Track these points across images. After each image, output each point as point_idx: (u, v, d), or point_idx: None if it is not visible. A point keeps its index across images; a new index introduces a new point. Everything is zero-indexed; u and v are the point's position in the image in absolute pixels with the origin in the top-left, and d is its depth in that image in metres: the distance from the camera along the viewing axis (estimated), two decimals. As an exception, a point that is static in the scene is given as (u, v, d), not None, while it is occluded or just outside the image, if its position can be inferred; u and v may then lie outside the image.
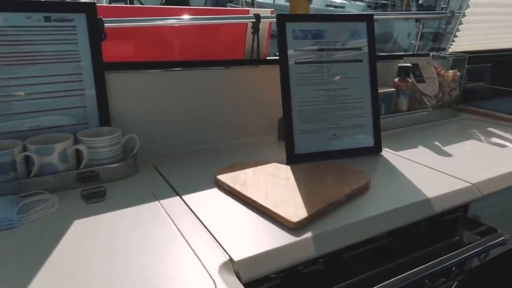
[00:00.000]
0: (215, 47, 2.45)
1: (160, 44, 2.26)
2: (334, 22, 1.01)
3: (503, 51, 1.65)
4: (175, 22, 1.48)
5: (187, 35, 2.41)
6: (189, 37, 2.42)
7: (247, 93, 1.14)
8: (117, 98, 0.97)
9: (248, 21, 1.72)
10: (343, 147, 1.01)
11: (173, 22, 1.47)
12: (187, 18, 1.58)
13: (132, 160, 0.92)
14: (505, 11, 1.63)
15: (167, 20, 1.48)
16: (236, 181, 0.84)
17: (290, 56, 0.98)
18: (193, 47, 2.42)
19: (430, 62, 1.33)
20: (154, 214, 0.74)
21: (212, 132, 1.11)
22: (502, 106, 1.42)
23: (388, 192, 0.84)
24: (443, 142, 1.14)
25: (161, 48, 2.28)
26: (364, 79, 1.03)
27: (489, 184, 0.88)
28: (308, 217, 0.70)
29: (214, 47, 2.43)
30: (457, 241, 0.89)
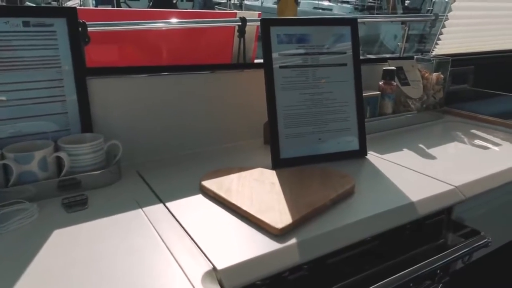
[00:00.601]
0: (203, 51, 2.44)
1: (146, 47, 2.24)
2: (318, 26, 1.02)
3: (485, 53, 1.68)
4: (159, 26, 1.47)
5: (174, 39, 2.40)
6: (176, 40, 2.41)
7: (232, 97, 1.14)
8: (100, 103, 0.96)
9: (234, 25, 1.72)
10: (329, 151, 1.01)
11: (157, 26, 1.46)
12: (171, 22, 1.57)
13: (115, 166, 0.90)
14: (487, 14, 1.65)
15: (151, 24, 1.46)
16: (221, 187, 0.83)
17: (275, 60, 0.97)
18: (180, 50, 2.40)
19: (414, 65, 1.35)
20: (137, 223, 0.72)
21: (198, 137, 1.10)
22: (485, 108, 1.44)
23: (373, 196, 0.84)
24: (428, 145, 1.15)
25: (148, 52, 2.26)
26: (348, 83, 1.03)
27: (472, 187, 0.89)
28: (293, 223, 0.70)
29: (201, 51, 2.42)
30: (442, 244, 0.90)
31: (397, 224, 0.79)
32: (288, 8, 5.82)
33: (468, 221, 0.90)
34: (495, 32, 1.74)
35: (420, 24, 6.08)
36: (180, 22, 1.62)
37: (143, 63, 2.10)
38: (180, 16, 3.09)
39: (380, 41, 10.09)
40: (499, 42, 1.76)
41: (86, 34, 1.42)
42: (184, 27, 1.68)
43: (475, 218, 0.91)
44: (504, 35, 1.78)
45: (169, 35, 2.34)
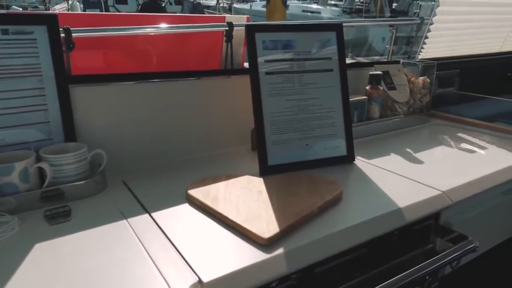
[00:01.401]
0: (192, 56, 2.42)
1: (134, 53, 2.22)
2: (303, 32, 1.01)
3: (470, 57, 1.70)
4: (145, 32, 1.45)
5: (163, 44, 2.38)
6: (165, 45, 2.38)
7: (219, 103, 1.13)
8: (84, 112, 0.94)
9: (221, 30, 1.71)
10: (316, 157, 1.01)
11: (142, 32, 1.45)
12: (157, 27, 1.55)
13: (99, 176, 0.89)
14: (470, 19, 1.67)
15: (137, 29, 1.45)
16: (208, 196, 0.82)
17: (261, 66, 0.97)
18: (169, 56, 2.38)
19: (400, 69, 1.35)
20: (121, 234, 0.71)
21: (184, 144, 1.08)
22: (470, 111, 1.45)
23: (361, 202, 0.84)
24: (415, 149, 1.15)
25: (136, 58, 2.24)
26: (335, 89, 1.03)
27: (458, 192, 0.89)
28: (280, 232, 0.69)
29: (190, 56, 2.40)
30: (431, 249, 0.90)
31: (385, 231, 0.79)
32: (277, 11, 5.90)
33: (455, 225, 0.90)
34: (479, 36, 1.76)
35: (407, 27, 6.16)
36: (166, 28, 1.61)
37: (131, 69, 2.08)
38: (168, 20, 3.07)
39: (369, 44, 10.19)
40: (484, 46, 1.79)
41: (70, 40, 1.40)
42: (170, 32, 1.67)
43: (462, 222, 0.92)
44: (488, 38, 1.80)
45: (158, 40, 2.32)
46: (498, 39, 1.85)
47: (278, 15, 6.86)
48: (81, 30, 1.37)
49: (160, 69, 2.42)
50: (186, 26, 1.84)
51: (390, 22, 2.31)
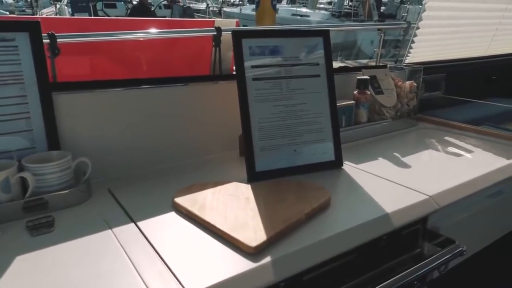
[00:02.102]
0: (181, 61, 2.41)
1: (123, 58, 2.20)
2: (290, 37, 1.01)
3: (456, 61, 1.72)
4: (130, 37, 1.44)
5: (152, 49, 2.36)
6: (154, 50, 2.37)
7: (207, 109, 1.12)
8: (68, 119, 0.92)
9: (209, 35, 1.70)
10: (304, 162, 1.00)
11: (129, 37, 1.43)
12: (143, 32, 1.54)
13: (84, 185, 0.87)
14: (456, 23, 1.70)
15: (123, 35, 1.43)
16: (194, 204, 0.81)
17: (248, 72, 0.96)
18: (158, 61, 2.37)
19: (387, 74, 1.36)
20: (105, 245, 0.69)
21: (172, 151, 1.07)
22: (457, 115, 1.47)
23: (349, 208, 0.84)
24: (402, 153, 1.16)
25: (124, 63, 2.21)
26: (322, 94, 1.03)
27: (445, 196, 0.90)
28: (267, 240, 0.68)
29: (179, 61, 2.39)
30: (419, 253, 0.90)
31: (373, 237, 0.79)
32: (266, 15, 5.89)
33: (443, 229, 0.91)
34: (464, 40, 1.78)
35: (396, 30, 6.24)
36: (153, 33, 1.59)
37: (120, 74, 2.06)
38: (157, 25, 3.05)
39: (358, 47, 10.27)
40: (469, 50, 1.81)
41: (55, 46, 1.38)
42: (157, 37, 1.66)
43: (450, 226, 0.92)
44: (473, 42, 1.83)
45: (146, 45, 2.30)
46: (483, 43, 1.88)
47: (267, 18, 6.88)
48: (67, 35, 1.35)
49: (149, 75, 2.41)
50: (174, 31, 1.83)
51: (378, 26, 2.33)
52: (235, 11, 15.08)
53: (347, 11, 12.95)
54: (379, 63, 3.12)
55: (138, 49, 2.29)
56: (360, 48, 10.21)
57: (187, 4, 12.31)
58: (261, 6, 6.69)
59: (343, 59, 8.56)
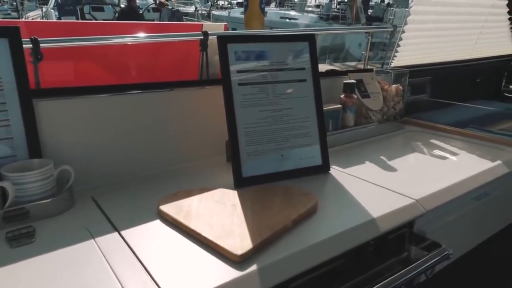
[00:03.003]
0: (169, 65, 2.39)
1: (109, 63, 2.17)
2: (276, 42, 1.01)
3: (441, 64, 1.74)
4: (116, 41, 1.42)
5: (140, 53, 2.33)
6: (140, 54, 2.34)
7: (194, 114, 1.11)
8: (50, 126, 0.90)
9: (196, 39, 1.69)
10: (292, 167, 1.00)
11: (114, 42, 1.41)
12: (128, 37, 1.52)
13: (66, 193, 0.85)
14: (441, 27, 1.72)
15: (109, 39, 1.41)
16: (180, 212, 0.80)
17: (233, 77, 0.96)
18: (146, 65, 2.34)
19: (374, 77, 1.37)
20: (87, 255, 0.68)
21: (157, 157, 1.06)
22: (442, 117, 1.48)
23: (336, 213, 0.84)
24: (389, 156, 1.16)
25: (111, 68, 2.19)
26: (308, 98, 1.03)
27: (431, 200, 0.90)
28: (254, 248, 0.68)
29: (167, 65, 2.37)
30: (406, 257, 0.90)
31: (360, 242, 0.78)
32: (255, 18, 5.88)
33: (429, 233, 0.91)
34: (449, 44, 1.81)
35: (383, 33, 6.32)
36: (139, 37, 1.58)
37: (107, 80, 2.03)
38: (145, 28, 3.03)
39: (346, 50, 10.36)
40: (454, 53, 1.84)
41: (38, 51, 1.35)
42: (142, 41, 1.64)
43: (436, 230, 0.92)
44: (458, 46, 1.86)
45: (134, 49, 2.28)
46: (467, 46, 1.90)
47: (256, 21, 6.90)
48: (50, 40, 1.33)
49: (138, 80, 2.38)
50: (160, 35, 1.82)
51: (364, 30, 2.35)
52: (224, 14, 15.08)
53: (335, 14, 13.05)
54: (367, 66, 3.15)
55: (125, 53, 2.26)
56: (348, 50, 10.30)
57: (176, 7, 12.26)
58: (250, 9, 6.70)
59: (332, 61, 8.61)
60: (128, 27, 3.23)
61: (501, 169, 1.10)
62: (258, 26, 6.57)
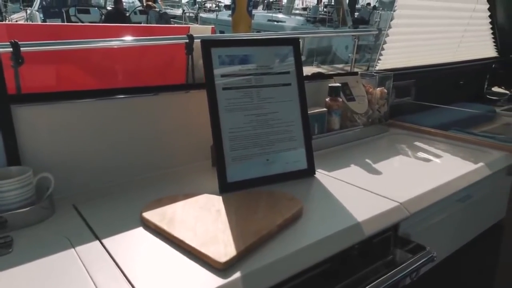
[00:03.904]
0: (155, 68, 2.36)
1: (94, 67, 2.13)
2: (260, 46, 1.01)
3: (425, 67, 1.76)
4: (99, 45, 1.40)
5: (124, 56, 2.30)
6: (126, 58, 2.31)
7: (179, 119, 1.10)
8: (29, 133, 0.88)
9: (181, 42, 1.68)
10: (277, 171, 0.99)
11: (96, 45, 1.39)
12: (110, 41, 1.50)
13: (46, 201, 0.83)
14: (424, 31, 1.74)
15: (91, 43, 1.39)
16: (163, 218, 0.78)
17: (217, 82, 0.95)
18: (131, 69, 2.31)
19: (359, 81, 1.38)
20: (67, 265, 0.66)
21: (141, 163, 1.04)
22: (426, 120, 1.50)
23: (321, 218, 0.83)
24: (374, 159, 1.17)
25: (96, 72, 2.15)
26: (293, 102, 1.03)
27: (415, 203, 0.90)
28: (238, 255, 0.67)
29: (154, 68, 2.35)
30: (391, 260, 0.90)
31: (346, 246, 0.78)
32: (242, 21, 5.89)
33: (413, 236, 0.91)
34: (432, 47, 1.83)
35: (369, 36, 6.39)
36: (123, 41, 1.56)
37: (90, 84, 2.00)
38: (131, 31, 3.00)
39: (333, 52, 10.44)
40: (437, 56, 1.86)
41: (19, 55, 1.32)
42: (126, 45, 1.62)
43: (420, 232, 0.93)
44: (441, 49, 1.88)
45: (119, 52, 2.25)
46: (450, 49, 1.93)
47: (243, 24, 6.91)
48: (30, 44, 1.30)
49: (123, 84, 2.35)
50: (145, 39, 1.80)
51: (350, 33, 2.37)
52: (211, 17, 15.07)
53: (322, 17, 13.15)
54: (354, 68, 3.18)
55: (110, 57, 2.23)
56: (335, 53, 10.38)
57: (163, 10, 12.19)
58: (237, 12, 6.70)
59: (319, 64, 8.67)
60: (114, 29, 3.19)
61: (484, 171, 1.12)
62: (245, 28, 6.57)
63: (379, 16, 12.49)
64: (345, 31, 9.31)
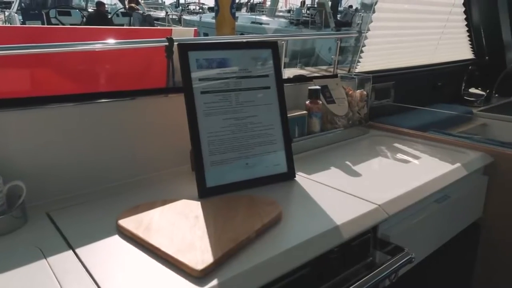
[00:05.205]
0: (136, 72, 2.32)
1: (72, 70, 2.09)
2: (238, 50, 1.00)
3: (403, 69, 1.79)
4: (76, 49, 1.37)
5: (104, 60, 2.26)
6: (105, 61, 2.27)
7: (157, 124, 1.08)
8: (0, 139, 0.85)
9: (161, 45, 1.66)
10: (257, 175, 0.99)
11: (73, 49, 1.36)
12: (88, 44, 1.47)
13: (18, 210, 0.80)
14: (403, 33, 1.77)
15: (68, 46, 1.36)
16: (140, 226, 0.77)
17: (195, 85, 0.94)
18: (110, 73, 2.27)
19: (338, 83, 1.39)
20: (38, 277, 0.64)
21: (119, 168, 1.02)
22: (405, 121, 1.52)
23: (300, 222, 0.83)
24: (354, 162, 1.17)
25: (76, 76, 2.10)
26: (273, 106, 1.03)
27: (393, 204, 0.91)
28: (215, 262, 0.66)
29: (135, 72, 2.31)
30: (370, 262, 0.91)
31: (325, 250, 0.78)
32: (226, 23, 5.88)
33: (392, 237, 0.92)
34: (410, 50, 1.86)
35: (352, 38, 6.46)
36: (99, 45, 1.53)
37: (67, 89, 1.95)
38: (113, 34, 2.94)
39: (317, 54, 10.52)
40: (415, 59, 1.89)
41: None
42: (103, 48, 1.59)
43: (399, 234, 0.94)
44: (419, 52, 1.92)
45: (97, 55, 2.21)
46: (428, 52, 1.97)
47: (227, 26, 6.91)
48: (3, 47, 1.27)
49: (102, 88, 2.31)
50: (122, 42, 1.77)
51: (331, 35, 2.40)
52: (195, 19, 15.01)
53: (305, 19, 13.24)
54: (337, 70, 3.21)
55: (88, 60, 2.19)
56: (319, 55, 10.47)
57: (147, 12, 12.08)
58: (220, 14, 6.69)
59: (302, 66, 8.72)
60: (95, 32, 3.13)
61: (461, 171, 1.14)
62: (229, 30, 6.56)
63: (361, 18, 12.66)
64: (325, 33, 9.42)
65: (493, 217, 1.28)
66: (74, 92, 0.98)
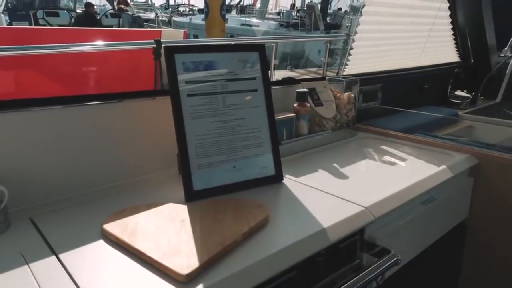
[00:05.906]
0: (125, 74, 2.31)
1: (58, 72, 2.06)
2: (225, 52, 1.00)
3: (391, 72, 1.81)
4: (61, 51, 1.35)
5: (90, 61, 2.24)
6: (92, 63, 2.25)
7: (144, 126, 1.07)
8: (-19, 143, 0.83)
9: (148, 47, 1.65)
10: (244, 178, 0.99)
11: (59, 51, 1.34)
12: (75, 45, 1.45)
13: (0, 215, 0.79)
14: (390, 36, 1.79)
15: (53, 48, 1.34)
16: (125, 230, 0.76)
17: (182, 88, 0.93)
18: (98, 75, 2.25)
19: (326, 86, 1.39)
20: (20, 284, 0.63)
21: (104, 172, 1.01)
22: (392, 123, 1.53)
23: (287, 225, 0.83)
24: (341, 164, 1.18)
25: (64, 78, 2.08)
26: (260, 108, 1.03)
27: (380, 206, 0.92)
28: (200, 267, 0.65)
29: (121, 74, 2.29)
30: (358, 264, 0.91)
31: (312, 252, 0.78)
32: (216, 25, 5.87)
33: (379, 239, 0.93)
34: (398, 52, 1.88)
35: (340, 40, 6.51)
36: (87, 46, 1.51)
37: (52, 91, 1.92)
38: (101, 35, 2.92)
39: (306, 56, 10.58)
40: (402, 61, 1.91)
41: (-27, 61, 1.26)
42: (90, 50, 1.57)
43: (386, 236, 0.94)
44: (406, 55, 1.94)
45: (84, 57, 2.18)
46: (415, 54, 1.99)
47: (216, 28, 6.91)
48: (-14, 49, 1.24)
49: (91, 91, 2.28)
50: (110, 44, 1.75)
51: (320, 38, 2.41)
52: (185, 21, 14.97)
53: (295, 21, 13.31)
54: (326, 72, 3.23)
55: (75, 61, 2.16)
56: (308, 57, 10.53)
57: (136, 13, 12.01)
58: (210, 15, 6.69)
59: (292, 68, 8.76)
60: (84, 33, 3.10)
61: (446, 173, 1.15)
62: (218, 32, 6.56)
63: (350, 21, 12.77)
64: (314, 36, 9.50)
65: (478, 217, 1.30)
66: (61, 94, 0.97)
